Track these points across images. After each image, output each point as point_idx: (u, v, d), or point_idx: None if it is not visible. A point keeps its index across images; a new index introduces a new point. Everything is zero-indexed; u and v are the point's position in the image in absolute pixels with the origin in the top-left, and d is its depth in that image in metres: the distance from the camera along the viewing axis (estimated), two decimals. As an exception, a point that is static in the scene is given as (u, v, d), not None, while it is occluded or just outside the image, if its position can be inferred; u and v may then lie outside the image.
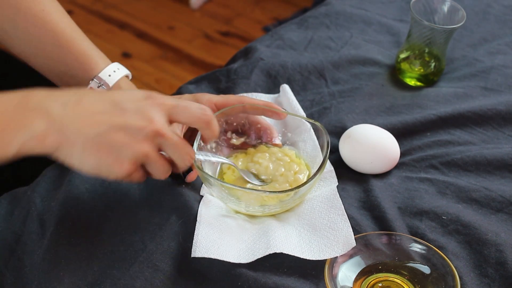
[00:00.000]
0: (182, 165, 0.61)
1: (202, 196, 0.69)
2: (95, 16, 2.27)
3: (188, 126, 0.69)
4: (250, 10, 2.38)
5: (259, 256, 0.61)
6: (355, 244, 0.62)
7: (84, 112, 0.56)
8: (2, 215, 0.68)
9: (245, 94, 0.84)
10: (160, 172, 0.60)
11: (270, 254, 0.61)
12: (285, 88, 0.84)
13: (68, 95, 0.56)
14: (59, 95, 0.56)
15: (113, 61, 0.77)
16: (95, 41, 0.78)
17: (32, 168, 0.75)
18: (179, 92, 0.87)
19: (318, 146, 0.72)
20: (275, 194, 0.66)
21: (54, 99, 0.55)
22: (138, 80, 2.00)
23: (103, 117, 0.56)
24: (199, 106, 0.60)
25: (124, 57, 2.09)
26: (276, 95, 0.85)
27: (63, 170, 0.72)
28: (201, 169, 0.64)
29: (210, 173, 0.69)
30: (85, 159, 0.56)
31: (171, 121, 0.59)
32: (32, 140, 0.54)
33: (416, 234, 0.67)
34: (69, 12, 0.77)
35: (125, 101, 0.57)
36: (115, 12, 2.30)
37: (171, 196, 0.69)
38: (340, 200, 0.68)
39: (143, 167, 0.60)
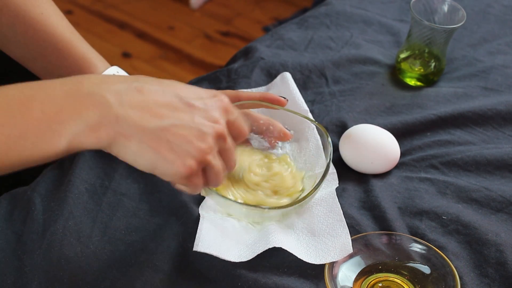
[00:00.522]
0: (228, 171, 0.58)
1: (202, 197, 0.69)
2: (95, 16, 2.27)
3: None
4: (250, 10, 2.38)
5: (259, 252, 0.61)
6: (352, 251, 0.62)
7: (145, 102, 0.50)
8: (2, 215, 0.68)
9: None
10: (218, 178, 0.55)
11: (270, 253, 0.61)
12: (286, 76, 0.82)
13: (126, 81, 0.51)
14: (115, 81, 0.51)
15: (113, 62, 0.76)
16: (95, 41, 0.78)
17: (32, 168, 0.75)
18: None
19: (321, 146, 0.71)
20: (275, 210, 0.65)
21: (110, 86, 0.50)
22: (138, 80, 2.00)
23: (168, 110, 0.51)
24: (246, 128, 0.57)
25: (124, 57, 2.09)
26: (268, 84, 0.84)
27: (63, 170, 0.72)
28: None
29: None
30: (142, 154, 0.50)
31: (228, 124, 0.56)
32: (84, 131, 0.48)
33: (416, 234, 0.67)
34: (69, 12, 0.76)
35: (191, 97, 0.53)
36: (115, 12, 2.30)
37: (171, 196, 0.69)
38: (339, 205, 0.68)
39: (203, 173, 0.55)
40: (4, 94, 0.48)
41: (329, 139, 0.68)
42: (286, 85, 0.81)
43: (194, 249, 0.61)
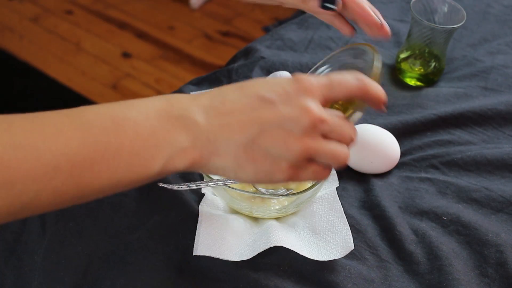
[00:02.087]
0: (349, 144, 0.52)
1: (202, 194, 0.69)
2: (95, 16, 2.27)
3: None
4: (250, 10, 2.38)
5: (260, 251, 0.61)
6: (354, 248, 0.63)
7: (230, 115, 0.48)
8: (2, 215, 0.68)
9: None
10: (338, 159, 0.50)
11: (271, 251, 0.62)
12: (280, 75, 0.82)
13: (210, 97, 0.49)
14: (202, 99, 0.49)
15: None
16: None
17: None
18: (180, 91, 0.87)
19: None
20: (283, 197, 0.66)
21: (198, 104, 0.48)
22: (138, 80, 2.00)
23: (251, 116, 0.48)
24: (352, 76, 0.51)
25: (124, 57, 2.09)
26: None
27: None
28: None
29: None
30: (242, 170, 0.48)
31: (327, 101, 0.50)
32: (178, 155, 0.47)
33: (416, 233, 0.67)
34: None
35: (270, 92, 0.49)
36: (115, 12, 2.30)
37: (170, 193, 0.69)
38: (340, 203, 0.68)
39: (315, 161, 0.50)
40: (95, 111, 0.46)
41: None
42: None
43: (194, 253, 0.61)
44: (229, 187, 0.64)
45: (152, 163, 0.46)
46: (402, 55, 0.90)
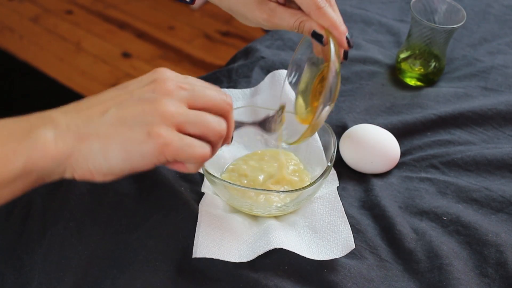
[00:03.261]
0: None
1: (201, 193, 0.69)
2: (95, 16, 2.27)
3: None
4: (250, 10, 2.38)
5: (260, 253, 0.61)
6: (354, 247, 0.63)
7: (87, 106, 0.49)
8: (2, 214, 0.68)
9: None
10: (214, 129, 0.50)
11: (271, 250, 0.62)
12: (278, 74, 0.81)
13: (68, 105, 0.51)
14: (60, 108, 0.50)
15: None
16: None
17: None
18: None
19: (321, 147, 0.72)
20: (286, 194, 0.66)
21: (57, 110, 0.50)
22: (138, 80, 2.00)
23: (111, 100, 0.49)
24: (218, 93, 0.52)
25: (124, 57, 2.09)
26: (257, 86, 0.84)
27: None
28: (206, 171, 0.64)
29: (215, 169, 0.69)
30: (108, 150, 0.47)
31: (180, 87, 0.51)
32: (40, 148, 0.46)
33: (416, 233, 0.67)
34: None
35: (129, 85, 0.51)
36: (115, 12, 2.30)
37: (170, 193, 0.69)
38: (341, 202, 0.68)
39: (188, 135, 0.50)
40: None
41: (330, 129, 0.70)
42: (278, 83, 0.81)
43: (194, 255, 0.61)
44: (229, 183, 0.64)
45: (14, 157, 0.46)
46: (402, 55, 0.90)
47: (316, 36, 0.63)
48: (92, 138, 0.47)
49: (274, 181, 0.69)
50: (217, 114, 0.52)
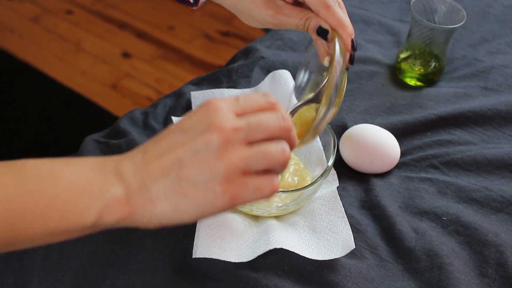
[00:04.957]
0: (282, 135, 0.49)
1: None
2: (95, 16, 2.27)
3: None
4: (250, 10, 2.38)
5: (260, 253, 0.61)
6: (354, 247, 0.63)
7: (151, 160, 0.48)
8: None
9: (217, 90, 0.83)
10: (273, 158, 0.48)
11: (271, 250, 0.62)
12: (279, 74, 0.81)
13: (141, 148, 0.49)
14: (135, 151, 0.49)
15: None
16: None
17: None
18: (180, 91, 0.87)
19: (321, 147, 0.72)
20: (286, 194, 0.66)
21: (129, 157, 0.49)
22: (138, 80, 2.00)
23: (168, 153, 0.47)
24: (274, 117, 0.49)
25: (124, 57, 2.09)
26: (257, 85, 0.83)
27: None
28: None
29: None
30: (179, 210, 0.47)
31: (237, 115, 0.49)
32: (112, 206, 0.47)
33: (416, 232, 0.67)
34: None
35: (184, 122, 0.48)
36: (115, 12, 2.30)
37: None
38: (341, 202, 0.68)
39: (255, 174, 0.48)
40: (34, 163, 0.47)
41: (331, 130, 0.69)
42: (278, 83, 0.81)
43: (194, 255, 0.61)
44: None
45: (87, 213, 0.46)
46: (402, 55, 0.90)
47: (321, 32, 0.63)
48: (162, 202, 0.47)
49: None
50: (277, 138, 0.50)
